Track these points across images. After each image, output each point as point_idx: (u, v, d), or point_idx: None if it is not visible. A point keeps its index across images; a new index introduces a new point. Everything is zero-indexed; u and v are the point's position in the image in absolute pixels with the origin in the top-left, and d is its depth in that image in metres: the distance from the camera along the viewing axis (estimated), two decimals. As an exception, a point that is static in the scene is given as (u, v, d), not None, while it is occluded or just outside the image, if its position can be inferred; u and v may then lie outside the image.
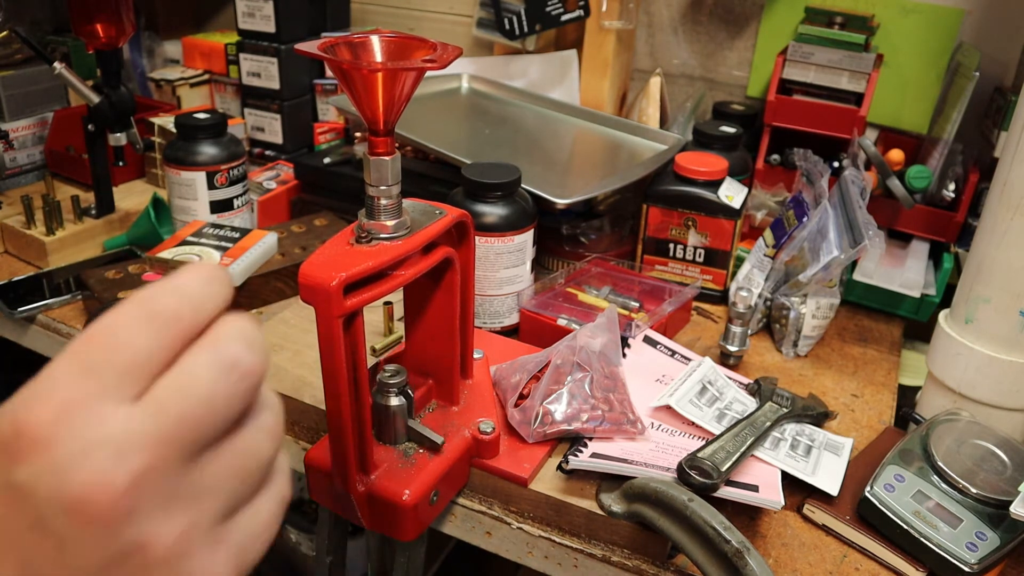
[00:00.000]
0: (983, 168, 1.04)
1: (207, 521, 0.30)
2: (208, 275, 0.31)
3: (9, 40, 1.21)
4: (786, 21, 1.21)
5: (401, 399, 0.64)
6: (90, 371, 0.28)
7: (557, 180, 1.01)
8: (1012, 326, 0.72)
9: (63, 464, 0.27)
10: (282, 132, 1.30)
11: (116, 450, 0.27)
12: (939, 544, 0.62)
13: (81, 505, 0.27)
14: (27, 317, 0.93)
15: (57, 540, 0.28)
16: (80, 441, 0.27)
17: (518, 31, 1.18)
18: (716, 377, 0.78)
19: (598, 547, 0.65)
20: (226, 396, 0.30)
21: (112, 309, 0.29)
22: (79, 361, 0.29)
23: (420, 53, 0.54)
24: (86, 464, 0.27)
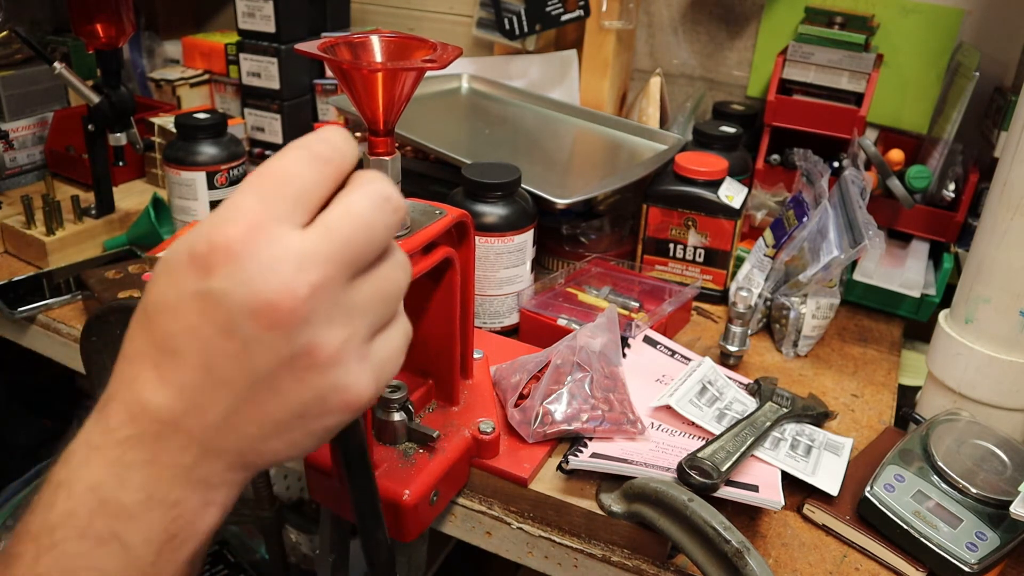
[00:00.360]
0: (983, 168, 1.04)
1: (358, 337, 0.35)
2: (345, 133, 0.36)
3: (9, 40, 1.21)
4: (786, 21, 1.21)
5: (402, 414, 0.64)
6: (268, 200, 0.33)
7: (557, 180, 1.01)
8: (1012, 326, 0.72)
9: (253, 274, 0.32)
10: (282, 132, 1.30)
11: (297, 264, 0.32)
12: (939, 544, 0.62)
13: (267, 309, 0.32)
14: (27, 317, 0.93)
15: (241, 342, 0.33)
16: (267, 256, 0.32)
17: (518, 31, 1.18)
18: (716, 377, 0.78)
19: (598, 547, 0.65)
20: (382, 225, 0.35)
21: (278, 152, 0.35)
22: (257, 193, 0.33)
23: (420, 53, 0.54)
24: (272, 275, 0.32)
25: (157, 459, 0.34)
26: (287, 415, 0.35)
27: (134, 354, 0.35)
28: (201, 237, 0.33)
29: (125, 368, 0.36)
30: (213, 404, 0.34)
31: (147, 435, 0.34)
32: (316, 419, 0.35)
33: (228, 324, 0.33)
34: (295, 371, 0.34)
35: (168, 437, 0.34)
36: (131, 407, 0.35)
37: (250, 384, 0.34)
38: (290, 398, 0.34)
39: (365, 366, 0.35)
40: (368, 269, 0.35)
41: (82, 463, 0.35)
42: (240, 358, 0.33)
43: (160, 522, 0.35)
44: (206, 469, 0.35)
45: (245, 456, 0.36)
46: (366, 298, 0.35)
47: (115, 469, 0.34)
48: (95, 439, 0.35)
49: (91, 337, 0.81)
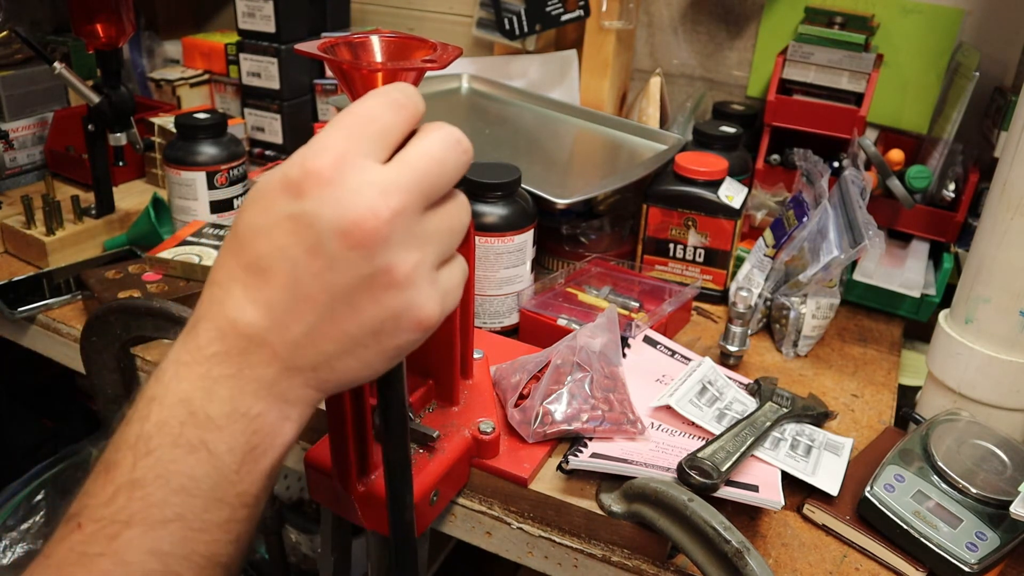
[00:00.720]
0: (983, 168, 1.04)
1: (428, 263, 0.38)
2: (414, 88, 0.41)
3: (9, 40, 1.21)
4: (786, 21, 1.21)
5: None
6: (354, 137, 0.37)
7: (557, 180, 1.01)
8: (1012, 326, 0.72)
9: (342, 197, 0.36)
10: (282, 132, 1.30)
11: (381, 190, 0.36)
12: (939, 544, 0.62)
13: (353, 229, 0.35)
14: (27, 317, 0.93)
15: (327, 261, 0.36)
16: (354, 182, 0.36)
17: (518, 31, 1.18)
18: (716, 377, 0.78)
19: (598, 547, 0.65)
20: (454, 163, 0.39)
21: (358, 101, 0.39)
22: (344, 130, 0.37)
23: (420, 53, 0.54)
24: (359, 198, 0.36)
25: (241, 373, 0.38)
26: (363, 332, 0.38)
27: (223, 277, 0.39)
28: (294, 165, 0.37)
29: (215, 291, 0.39)
30: (296, 321, 0.37)
31: (233, 351, 0.38)
32: (389, 337, 0.38)
33: (316, 243, 0.36)
34: (373, 289, 0.37)
35: (253, 352, 0.38)
36: (220, 325, 0.38)
37: (331, 301, 0.37)
38: (367, 315, 0.37)
39: (434, 290, 0.39)
40: (439, 203, 0.39)
41: (173, 378, 0.38)
42: (324, 276, 0.36)
43: (243, 433, 0.38)
44: (285, 385, 0.38)
45: (321, 373, 0.39)
46: (436, 229, 0.39)
47: (203, 383, 0.38)
48: (184, 357, 0.38)
49: (91, 337, 0.81)
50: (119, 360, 0.83)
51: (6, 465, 1.37)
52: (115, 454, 0.38)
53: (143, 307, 0.84)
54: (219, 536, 0.38)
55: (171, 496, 0.37)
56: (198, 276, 0.90)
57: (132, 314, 0.78)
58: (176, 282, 0.90)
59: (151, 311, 0.83)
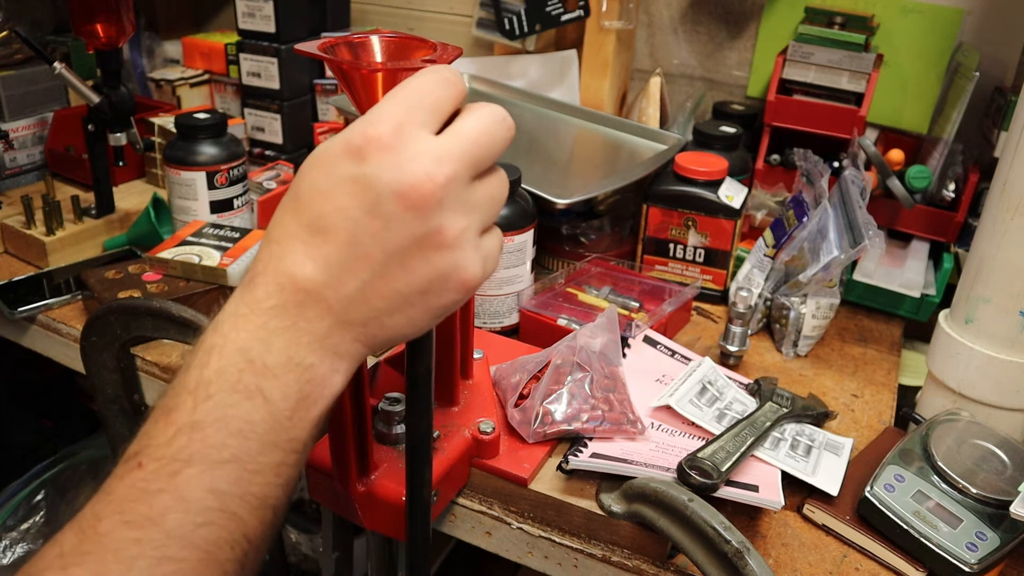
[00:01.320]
0: (983, 168, 1.04)
1: (474, 228, 0.41)
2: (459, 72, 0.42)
3: (9, 40, 1.21)
4: (786, 21, 1.21)
5: (403, 427, 0.64)
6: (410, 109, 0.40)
7: (557, 180, 1.01)
8: (1012, 326, 0.72)
9: (401, 162, 0.39)
10: (282, 132, 1.30)
11: (436, 157, 0.39)
12: (939, 544, 0.62)
13: (411, 190, 0.38)
14: (27, 317, 0.93)
15: (384, 220, 0.39)
16: (412, 149, 0.39)
17: (518, 31, 1.18)
18: (716, 377, 0.78)
19: (598, 547, 0.65)
20: (502, 136, 0.42)
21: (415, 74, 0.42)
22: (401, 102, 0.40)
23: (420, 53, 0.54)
24: (416, 164, 0.38)
25: (297, 326, 0.40)
26: (412, 290, 0.40)
27: (283, 235, 0.41)
28: (356, 132, 0.39)
29: (273, 249, 0.41)
30: (351, 277, 0.40)
31: (290, 304, 0.40)
32: (435, 295, 0.41)
33: (375, 204, 0.39)
34: (424, 249, 0.40)
35: (309, 306, 0.40)
36: (279, 280, 0.40)
37: (386, 259, 0.40)
38: (417, 274, 0.40)
39: (478, 254, 0.41)
40: (484, 175, 0.42)
41: (231, 328, 0.40)
42: (381, 235, 0.39)
43: (296, 382, 0.40)
44: (337, 338, 0.41)
45: (370, 329, 0.41)
46: (481, 197, 0.41)
47: (261, 334, 0.40)
48: (243, 309, 0.41)
49: (91, 337, 0.81)
50: (119, 360, 0.83)
51: (6, 465, 1.37)
52: (175, 399, 0.40)
53: (143, 307, 0.84)
54: (271, 478, 0.40)
55: (229, 438, 0.39)
56: (198, 276, 0.90)
57: (132, 314, 0.78)
58: (176, 282, 0.90)
59: (151, 311, 0.83)
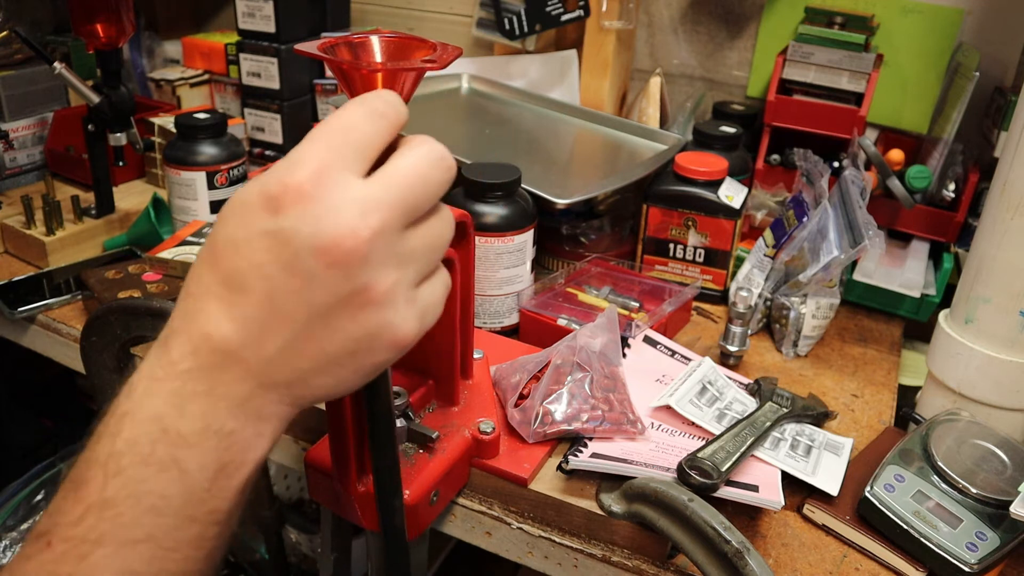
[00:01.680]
0: (983, 168, 1.04)
1: (408, 281, 0.38)
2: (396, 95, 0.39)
3: (9, 40, 1.21)
4: (786, 21, 1.21)
5: (402, 421, 0.64)
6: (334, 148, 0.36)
7: (557, 180, 1.01)
8: (1012, 326, 0.72)
9: (320, 215, 0.35)
10: (282, 132, 1.30)
11: (361, 209, 0.35)
12: (939, 544, 0.62)
13: (332, 248, 0.35)
14: (27, 317, 0.93)
15: (304, 279, 0.36)
16: (334, 199, 0.35)
17: (518, 31, 1.18)
18: (716, 377, 0.78)
19: (598, 547, 0.65)
20: (437, 181, 0.38)
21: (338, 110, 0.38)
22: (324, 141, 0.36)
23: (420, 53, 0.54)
24: (338, 217, 0.35)
25: (215, 390, 0.37)
26: (339, 350, 0.38)
27: (199, 290, 0.38)
28: (273, 179, 0.36)
29: (189, 304, 0.38)
30: (272, 337, 0.37)
31: (207, 366, 0.37)
32: (365, 355, 0.38)
33: (294, 261, 0.35)
34: (350, 308, 0.37)
35: (227, 368, 0.37)
36: (194, 339, 0.37)
37: (308, 319, 0.37)
38: (343, 334, 0.37)
39: (412, 308, 0.38)
40: (420, 220, 0.39)
41: (144, 394, 0.38)
42: (302, 294, 0.36)
43: (215, 450, 0.38)
44: (259, 401, 0.38)
45: (295, 390, 0.39)
46: (417, 247, 0.38)
47: (176, 400, 0.37)
48: (157, 372, 0.38)
49: (91, 337, 0.81)
50: (119, 360, 0.83)
51: (6, 465, 1.37)
52: (86, 471, 0.37)
53: (143, 307, 0.84)
54: (190, 553, 0.38)
55: (142, 516, 0.36)
56: (198, 276, 0.90)
57: (132, 314, 0.78)
58: (176, 282, 0.90)
59: (151, 311, 0.83)
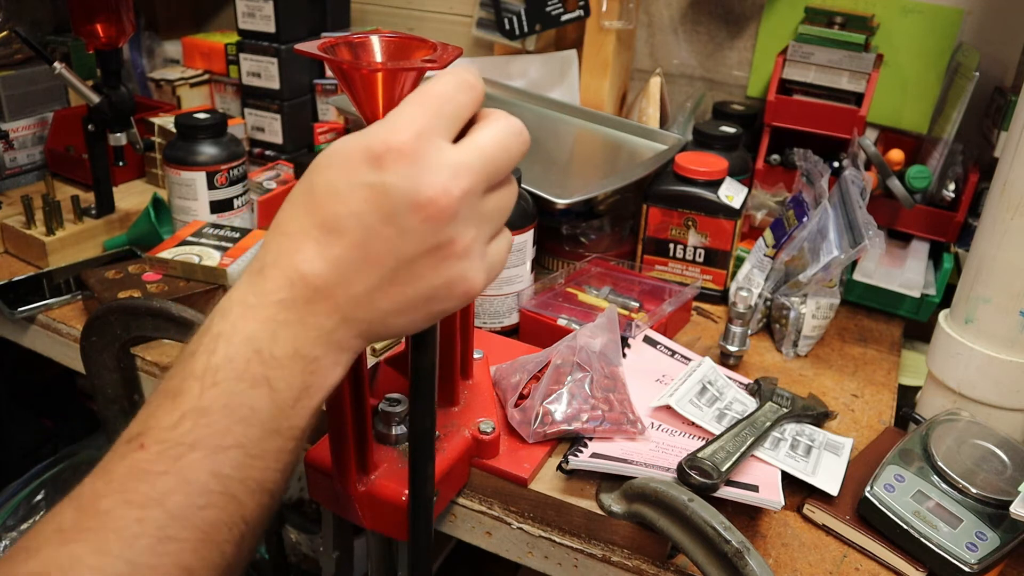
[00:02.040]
0: (983, 168, 1.04)
1: (482, 239, 0.43)
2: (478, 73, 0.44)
3: (9, 40, 1.21)
4: (786, 21, 1.21)
5: (403, 428, 0.65)
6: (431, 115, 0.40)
7: (557, 180, 1.01)
8: (1012, 326, 0.72)
9: (419, 173, 0.39)
10: (282, 132, 1.30)
11: (454, 171, 0.40)
12: (939, 544, 0.62)
13: (428, 203, 0.39)
14: (27, 317, 0.93)
15: (398, 229, 0.40)
16: (432, 161, 0.39)
17: (518, 31, 1.18)
18: (716, 377, 0.78)
19: (598, 547, 0.65)
20: (517, 150, 0.43)
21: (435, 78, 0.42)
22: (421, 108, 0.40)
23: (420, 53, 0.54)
24: (435, 177, 0.39)
25: (304, 320, 0.41)
26: (418, 295, 0.42)
27: (295, 230, 0.41)
28: (377, 138, 0.40)
29: (283, 241, 0.41)
30: (361, 280, 0.41)
31: (299, 299, 0.41)
32: (441, 302, 0.43)
33: (391, 213, 0.39)
34: (434, 258, 0.41)
35: (317, 303, 0.41)
36: (289, 274, 0.41)
37: (396, 265, 0.41)
38: (425, 281, 0.41)
39: (483, 263, 0.43)
40: (497, 186, 0.43)
41: (240, 317, 0.41)
42: (394, 242, 0.40)
43: (301, 374, 0.41)
44: (341, 334, 0.42)
45: (373, 327, 0.42)
46: (492, 209, 0.43)
47: (270, 326, 0.41)
48: (251, 299, 0.41)
49: (91, 337, 0.81)
50: (119, 360, 0.83)
51: (6, 465, 1.37)
52: (181, 383, 0.40)
53: (143, 307, 0.84)
54: (271, 464, 0.41)
55: (234, 425, 0.40)
56: (198, 276, 0.90)
57: (132, 314, 0.78)
58: (176, 282, 0.90)
59: (151, 311, 0.83)
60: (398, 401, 0.65)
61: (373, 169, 0.39)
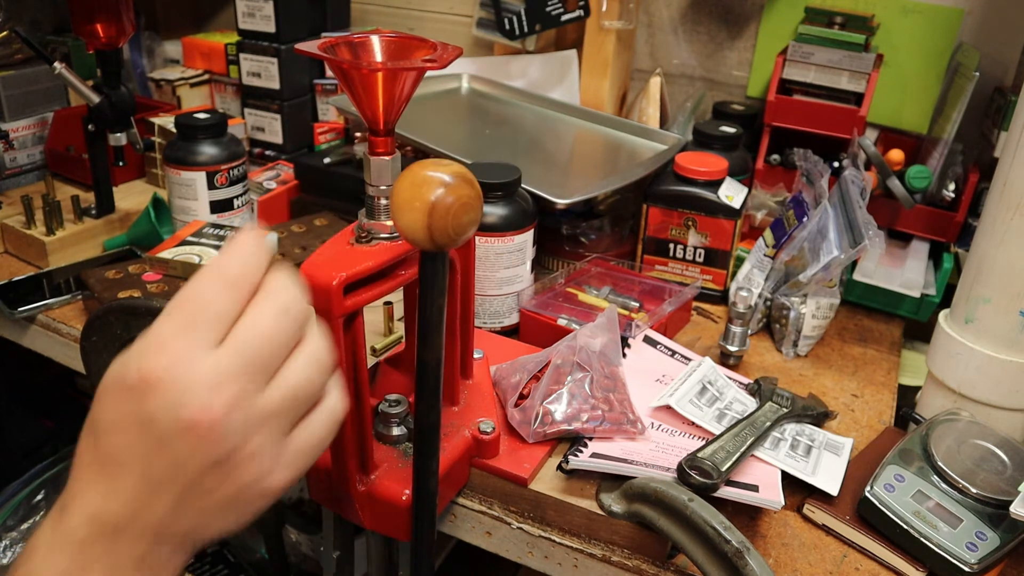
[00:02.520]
0: (983, 168, 1.04)
1: (273, 437, 0.40)
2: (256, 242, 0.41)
3: (9, 40, 1.21)
4: (786, 21, 1.21)
5: (402, 428, 0.65)
6: (188, 328, 0.39)
7: (557, 180, 1.01)
8: (1012, 326, 0.72)
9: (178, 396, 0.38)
10: (282, 132, 1.30)
11: (213, 384, 0.38)
12: (939, 544, 0.62)
13: (192, 426, 0.38)
14: (27, 317, 0.93)
15: (173, 454, 0.38)
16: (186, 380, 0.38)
17: (518, 31, 1.18)
18: (716, 377, 0.78)
19: (598, 547, 0.65)
20: (286, 333, 0.41)
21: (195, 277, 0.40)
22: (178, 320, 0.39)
23: (420, 53, 0.54)
24: (194, 397, 0.38)
25: (113, 552, 0.40)
26: (219, 505, 0.41)
27: (85, 466, 0.41)
28: (131, 368, 0.39)
29: (78, 478, 0.41)
30: (157, 505, 0.40)
31: (102, 536, 0.40)
32: (245, 505, 0.41)
33: (161, 440, 0.38)
34: (220, 472, 0.39)
35: (121, 535, 0.40)
36: (87, 512, 0.40)
37: (186, 485, 0.39)
38: (220, 492, 0.40)
39: (281, 459, 0.41)
40: (277, 373, 0.41)
41: (47, 556, 0.40)
42: (175, 467, 0.39)
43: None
44: (156, 555, 0.41)
45: (190, 536, 0.42)
46: (278, 400, 0.40)
47: (79, 560, 0.40)
48: (57, 539, 0.40)
49: (91, 337, 0.81)
50: (119, 360, 0.83)
51: (6, 465, 1.37)
52: None
53: (143, 307, 0.84)
54: None
55: None
56: (198, 276, 0.90)
57: (132, 314, 0.78)
58: (176, 282, 0.90)
59: (151, 311, 0.83)
60: (398, 402, 0.65)
61: (135, 399, 0.38)
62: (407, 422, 0.65)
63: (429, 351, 0.50)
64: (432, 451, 0.54)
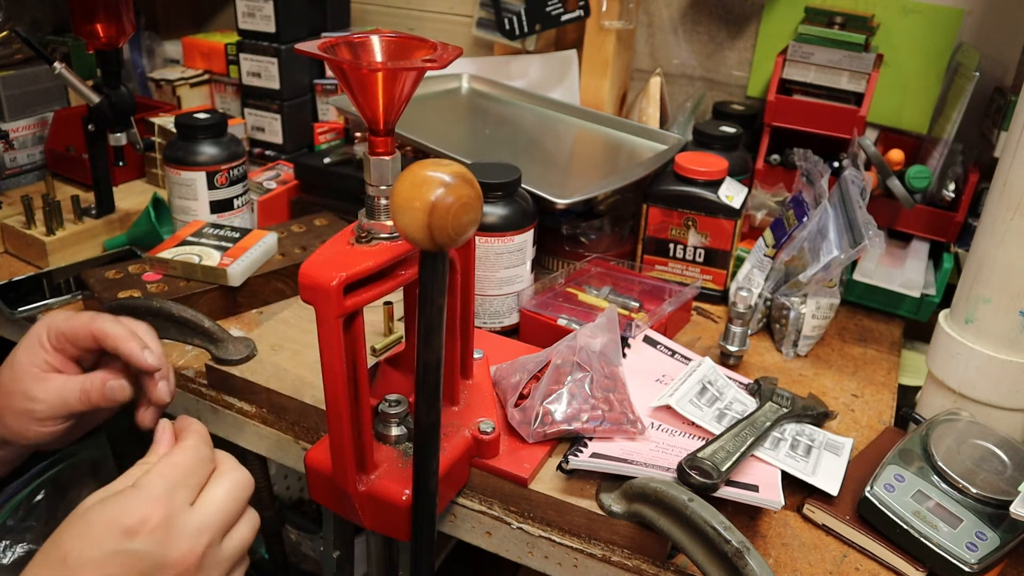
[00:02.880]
0: (983, 168, 1.04)
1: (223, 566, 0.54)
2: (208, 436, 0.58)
3: (9, 40, 1.21)
4: (786, 21, 1.21)
5: (402, 428, 0.65)
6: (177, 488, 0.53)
7: (557, 180, 1.01)
8: (1012, 326, 0.72)
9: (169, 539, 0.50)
10: (282, 132, 1.30)
11: (196, 531, 0.52)
12: (939, 544, 0.62)
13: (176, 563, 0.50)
14: (27, 317, 0.93)
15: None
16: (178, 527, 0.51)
17: (518, 31, 1.18)
18: (716, 377, 0.78)
19: (598, 547, 0.65)
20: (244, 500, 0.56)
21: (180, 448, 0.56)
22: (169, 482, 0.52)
23: (420, 53, 0.54)
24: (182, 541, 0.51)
25: None
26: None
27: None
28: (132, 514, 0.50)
29: None
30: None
31: None
32: None
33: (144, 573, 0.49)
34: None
35: None
36: None
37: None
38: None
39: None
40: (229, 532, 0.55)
41: None
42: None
43: None
44: None
45: None
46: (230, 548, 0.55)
47: None
48: None
49: (91, 337, 0.81)
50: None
51: (6, 465, 1.37)
52: None
53: (143, 307, 0.84)
54: None
55: None
56: (198, 276, 0.90)
57: (132, 314, 0.78)
58: (176, 282, 0.90)
59: (151, 311, 0.83)
60: (398, 402, 0.65)
61: (127, 539, 0.48)
62: (407, 422, 0.65)
63: (429, 351, 0.50)
64: (432, 451, 0.54)
